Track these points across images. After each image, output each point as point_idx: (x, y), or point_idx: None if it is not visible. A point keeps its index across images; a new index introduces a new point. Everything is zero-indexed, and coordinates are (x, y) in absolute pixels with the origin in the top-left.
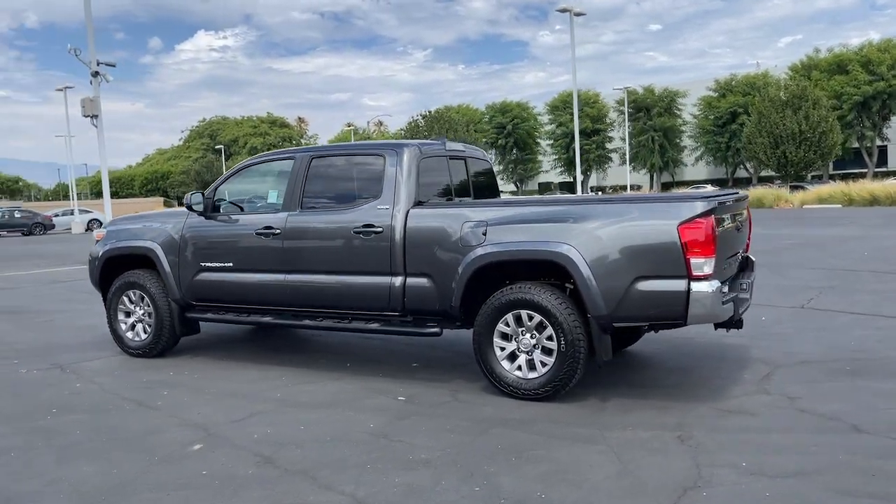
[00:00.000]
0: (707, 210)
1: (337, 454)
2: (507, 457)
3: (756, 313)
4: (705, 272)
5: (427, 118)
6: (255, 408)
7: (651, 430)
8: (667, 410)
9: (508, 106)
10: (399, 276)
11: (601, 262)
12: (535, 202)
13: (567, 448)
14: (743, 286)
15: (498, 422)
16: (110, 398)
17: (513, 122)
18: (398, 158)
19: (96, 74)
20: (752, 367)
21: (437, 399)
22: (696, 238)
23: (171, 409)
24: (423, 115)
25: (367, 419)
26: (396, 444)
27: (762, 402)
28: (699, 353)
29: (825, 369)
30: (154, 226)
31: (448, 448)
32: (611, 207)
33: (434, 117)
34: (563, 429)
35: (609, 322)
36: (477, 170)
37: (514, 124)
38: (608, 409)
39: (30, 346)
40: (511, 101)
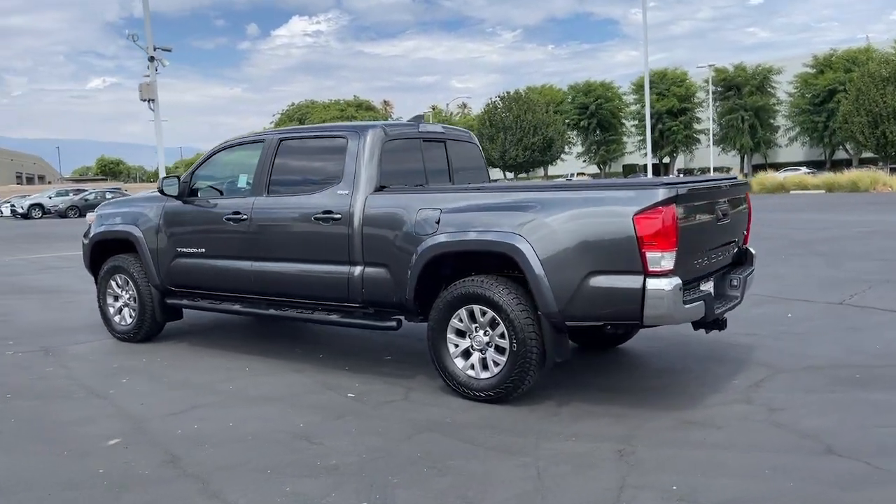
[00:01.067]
0: (668, 198)
1: (246, 456)
2: (420, 467)
3: (784, 309)
4: (663, 268)
5: (505, 99)
6: (201, 400)
7: (594, 442)
8: (623, 419)
9: (592, 86)
10: (358, 265)
11: (553, 254)
12: (494, 188)
13: (490, 459)
14: (733, 283)
15: (434, 425)
16: (68, 385)
17: (596, 101)
18: (360, 141)
19: (152, 59)
20: (748, 372)
21: (387, 397)
22: (652, 229)
23: (117, 399)
24: (500, 96)
25: (301, 417)
26: (314, 447)
27: (737, 413)
28: (697, 353)
29: (830, 377)
30: (137, 210)
31: (365, 454)
32: (565, 195)
33: (512, 98)
34: (499, 436)
35: (561, 320)
36: (460, 153)
37: (598, 104)
38: (561, 414)
39: (36, 326)
40: (594, 81)
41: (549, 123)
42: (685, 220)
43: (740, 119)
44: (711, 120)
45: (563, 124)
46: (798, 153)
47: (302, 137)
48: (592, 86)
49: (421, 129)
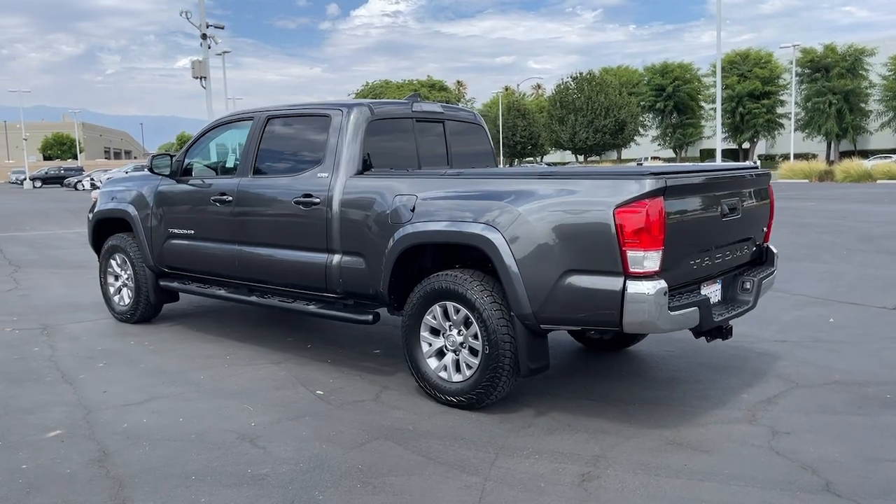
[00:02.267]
0: (654, 190)
1: (179, 458)
2: (356, 482)
3: (828, 313)
4: (646, 269)
5: (577, 80)
6: (165, 390)
7: (559, 462)
8: (602, 435)
9: (669, 67)
10: (336, 253)
11: (528, 249)
12: (475, 175)
13: (435, 476)
14: (745, 285)
15: (393, 433)
16: (43, 367)
17: (673, 83)
18: (343, 120)
19: (205, 37)
20: (763, 385)
21: (357, 397)
22: (635, 225)
23: (83, 385)
24: (572, 76)
25: (257, 416)
26: (253, 452)
27: (734, 434)
28: (711, 361)
29: (856, 395)
30: (135, 189)
31: (304, 463)
32: (545, 184)
33: (584, 79)
34: (456, 449)
35: (535, 323)
36: (463, 136)
37: (675, 86)
38: (535, 426)
39: (49, 303)
40: (672, 62)
41: (621, 105)
42: (677, 215)
43: (827, 103)
44: (794, 103)
45: (636, 106)
46: (890, 140)
47: (288, 115)
48: (670, 67)
49: (415, 109)
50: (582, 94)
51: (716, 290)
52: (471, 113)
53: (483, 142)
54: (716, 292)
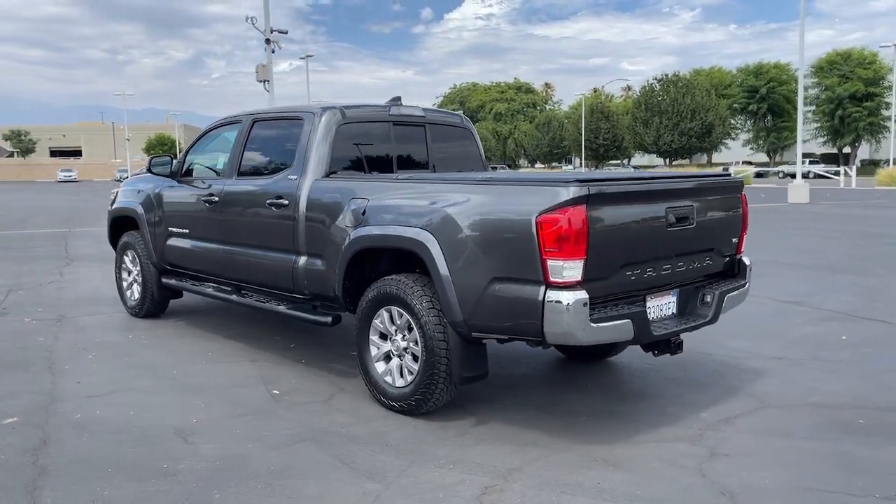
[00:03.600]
0: (576, 198)
1: (110, 450)
2: (259, 483)
3: (845, 330)
4: (566, 278)
5: (663, 81)
6: (135, 384)
7: (470, 474)
8: (529, 449)
9: (763, 67)
10: (302, 255)
11: (459, 255)
12: (422, 179)
13: (339, 482)
14: (706, 298)
15: (324, 435)
16: (37, 356)
17: (768, 84)
18: (314, 123)
19: (268, 42)
20: (731, 404)
21: (311, 397)
22: (554, 233)
23: (65, 375)
24: (658, 78)
25: (204, 412)
26: (180, 448)
27: (667, 454)
28: (693, 375)
29: (827, 419)
30: (144, 188)
31: (222, 461)
32: (479, 190)
33: (671, 81)
34: (376, 455)
35: (466, 331)
36: (447, 140)
37: (770, 87)
38: (467, 435)
39: (78, 295)
40: (767, 62)
41: (708, 107)
42: (605, 223)
43: None
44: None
45: (725, 109)
46: None
47: (270, 119)
48: (764, 67)
49: (392, 113)
50: (667, 95)
51: (668, 303)
52: (457, 117)
53: (471, 146)
54: (668, 305)
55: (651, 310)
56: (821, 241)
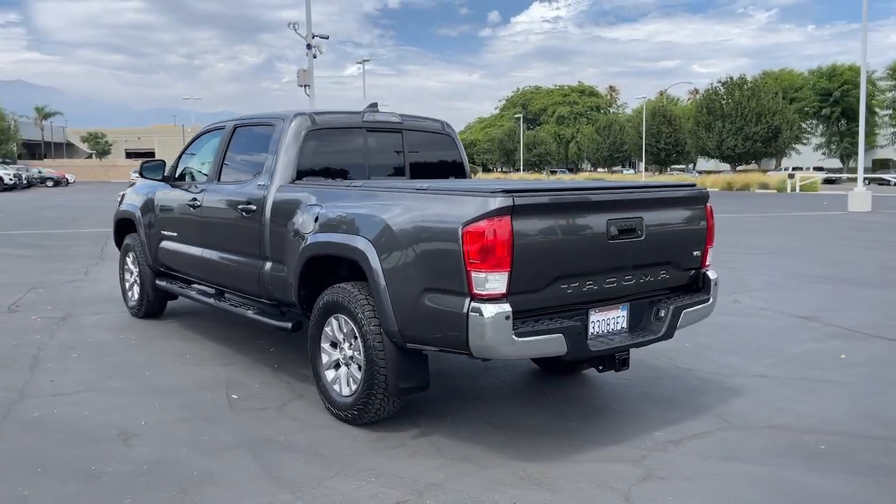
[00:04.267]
0: (499, 209)
1: (50, 450)
2: (175, 489)
3: (846, 348)
4: (489, 291)
5: (727, 84)
6: (104, 384)
7: (388, 487)
8: (458, 464)
9: (837, 70)
10: (268, 261)
11: (395, 265)
12: (369, 187)
13: (253, 492)
14: (660, 314)
15: (261, 442)
16: (27, 353)
17: (842, 87)
18: (283, 129)
19: (309, 47)
20: (691, 423)
21: (264, 403)
22: (478, 244)
23: (43, 373)
24: (722, 81)
25: (156, 415)
26: (117, 450)
27: (602, 475)
28: (664, 392)
29: (786, 442)
30: (143, 192)
31: (150, 464)
32: (412, 198)
33: (735, 84)
34: (302, 465)
35: (402, 341)
36: (426, 146)
37: (844, 90)
38: (403, 448)
39: (91, 294)
40: (841, 65)
41: (775, 111)
42: (533, 235)
43: None
44: None
45: (794, 113)
46: None
47: (249, 125)
48: (838, 70)
49: (366, 119)
50: (731, 99)
51: (617, 317)
52: (438, 123)
53: (452, 153)
54: (617, 319)
55: (595, 324)
56: (860, 252)
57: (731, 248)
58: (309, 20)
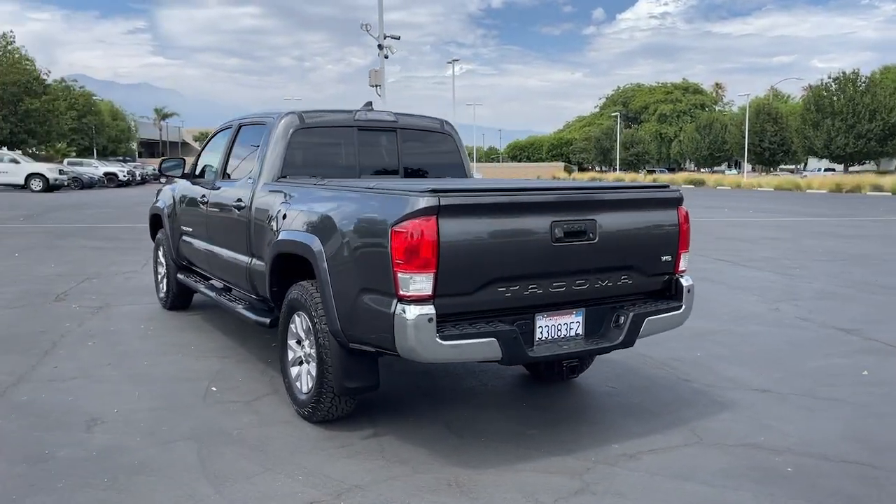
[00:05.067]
0: (425, 209)
1: (18, 432)
2: (108, 477)
3: (875, 364)
4: (414, 292)
5: (840, 80)
6: (101, 372)
7: (310, 487)
8: (393, 466)
9: None
10: (253, 257)
11: (338, 264)
12: (330, 186)
13: (177, 485)
14: (619, 320)
15: (213, 435)
16: (48, 340)
17: None
18: (272, 128)
19: (381, 48)
20: (657, 437)
21: (237, 397)
22: (403, 245)
23: (51, 359)
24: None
25: (133, 403)
26: (79, 436)
27: (535, 486)
28: (646, 404)
29: (753, 463)
30: (172, 188)
31: (99, 451)
32: (354, 196)
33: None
34: (238, 461)
35: (345, 340)
36: (423, 145)
37: None
38: (347, 448)
39: (137, 286)
40: None
41: (892, 108)
42: (463, 236)
43: None
44: None
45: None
46: None
47: (250, 123)
48: None
49: (357, 118)
50: (843, 95)
51: (569, 323)
52: (437, 122)
53: (451, 151)
54: (570, 325)
55: (543, 329)
56: None
57: (800, 254)
58: (381, 21)
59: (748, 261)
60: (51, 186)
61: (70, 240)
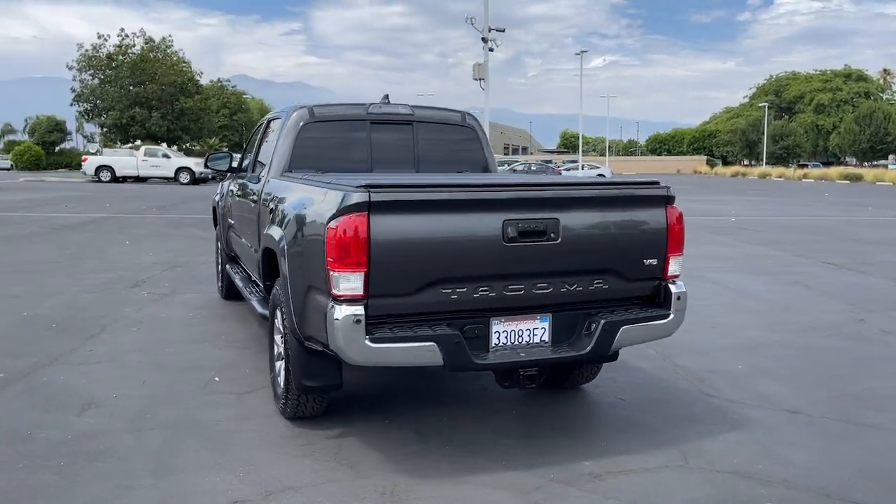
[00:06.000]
0: (356, 204)
1: (12, 412)
2: (63, 460)
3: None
4: (346, 292)
5: None
6: (124, 357)
7: (244, 485)
8: (337, 470)
9: None
10: None
11: (294, 261)
12: (308, 180)
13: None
14: (591, 327)
15: (190, 425)
16: (98, 325)
17: None
18: (284, 122)
19: (485, 41)
20: (642, 457)
21: (234, 388)
22: (335, 242)
23: (94, 342)
24: None
25: (136, 389)
26: (62, 419)
27: (468, 500)
28: (650, 418)
29: (724, 495)
30: (226, 182)
31: (74, 435)
32: (306, 191)
33: None
34: (194, 453)
35: (300, 338)
36: (439, 137)
37: None
38: (303, 447)
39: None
40: None
41: None
42: (399, 234)
43: None
44: None
45: None
46: None
47: (274, 118)
48: None
49: (370, 111)
50: None
51: (534, 329)
52: (458, 114)
53: (473, 146)
54: (534, 331)
55: (501, 335)
56: None
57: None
58: (486, 13)
59: (860, 265)
60: (197, 179)
61: (184, 229)
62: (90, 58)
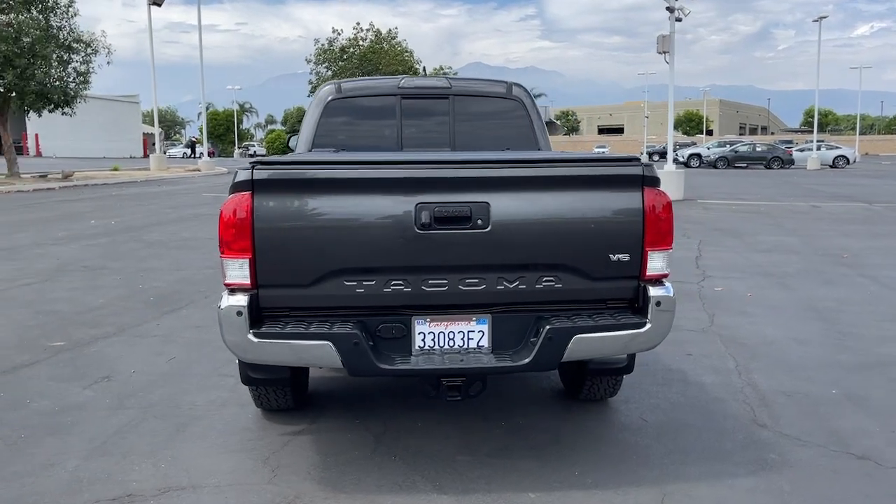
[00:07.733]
0: (240, 183)
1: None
2: (26, 432)
3: None
4: (233, 280)
5: None
6: (185, 335)
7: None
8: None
9: None
10: None
11: None
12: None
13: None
14: (539, 331)
15: (170, 413)
16: (192, 298)
17: None
18: (314, 99)
19: (671, 10)
20: (596, 495)
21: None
22: (222, 226)
23: (168, 317)
24: None
25: (159, 366)
26: (70, 393)
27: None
28: (668, 446)
29: None
30: None
31: (63, 409)
32: None
33: None
34: (148, 439)
35: None
36: (479, 112)
37: None
38: (255, 441)
39: None
40: None
41: None
42: (290, 217)
43: None
44: None
45: None
46: None
47: None
48: None
49: (402, 85)
50: None
51: (468, 331)
52: (502, 85)
53: (520, 121)
54: (470, 333)
55: (426, 336)
56: None
57: None
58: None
59: None
60: None
61: None
62: (325, 51)
